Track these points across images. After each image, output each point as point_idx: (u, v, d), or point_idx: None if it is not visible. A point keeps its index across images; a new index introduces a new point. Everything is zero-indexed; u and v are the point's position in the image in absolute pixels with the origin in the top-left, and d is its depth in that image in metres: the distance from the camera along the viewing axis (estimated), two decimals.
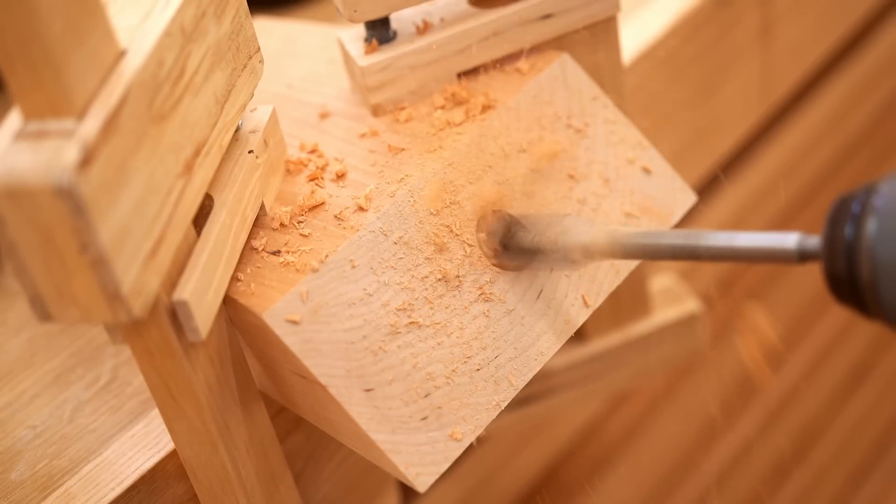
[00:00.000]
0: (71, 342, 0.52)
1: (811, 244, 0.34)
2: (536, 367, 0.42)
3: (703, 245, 0.37)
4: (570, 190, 0.45)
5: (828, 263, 0.34)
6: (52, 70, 0.31)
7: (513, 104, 0.44)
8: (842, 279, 0.33)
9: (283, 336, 0.38)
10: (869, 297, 0.33)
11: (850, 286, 0.33)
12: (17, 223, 0.31)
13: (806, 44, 0.80)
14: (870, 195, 0.33)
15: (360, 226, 0.40)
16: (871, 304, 0.33)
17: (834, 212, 0.34)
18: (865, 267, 0.32)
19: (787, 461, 0.93)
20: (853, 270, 0.33)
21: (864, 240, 0.32)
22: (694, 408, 0.85)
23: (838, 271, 0.33)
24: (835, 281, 0.34)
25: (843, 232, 0.33)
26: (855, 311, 0.34)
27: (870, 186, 0.33)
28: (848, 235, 0.33)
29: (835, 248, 0.33)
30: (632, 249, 0.39)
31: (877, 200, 0.33)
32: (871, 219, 0.32)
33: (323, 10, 0.75)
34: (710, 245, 0.37)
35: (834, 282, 0.34)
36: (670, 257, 0.38)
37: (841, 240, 0.33)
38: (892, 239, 0.32)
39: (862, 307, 0.34)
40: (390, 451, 0.39)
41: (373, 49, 0.45)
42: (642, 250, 0.39)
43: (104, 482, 0.44)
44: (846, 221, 0.33)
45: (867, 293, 0.33)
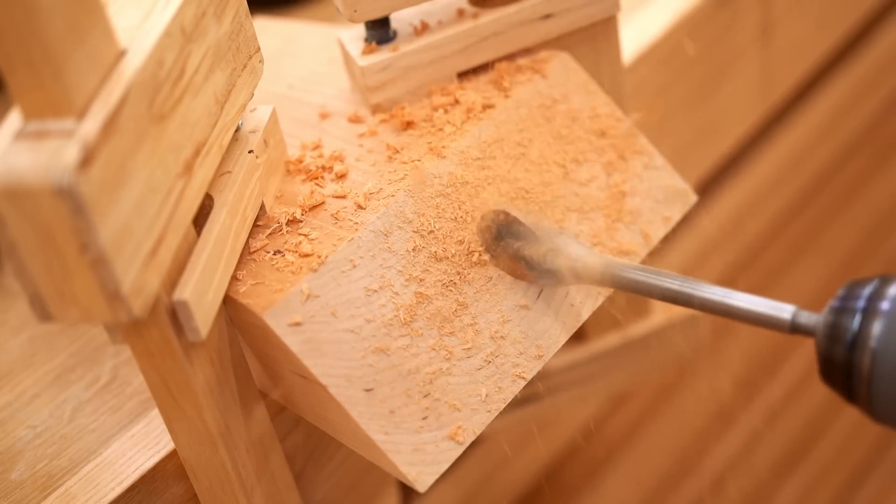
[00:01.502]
0: (71, 342, 0.52)
1: (804, 320, 0.37)
2: (536, 366, 0.42)
3: (698, 296, 0.38)
4: (569, 189, 0.45)
5: (825, 347, 0.36)
6: (52, 70, 0.31)
7: (512, 104, 0.44)
8: (837, 367, 0.36)
9: (283, 336, 0.38)
10: (862, 389, 0.35)
11: (844, 375, 0.35)
12: (17, 223, 0.31)
13: (806, 44, 0.80)
14: (878, 296, 0.35)
15: (360, 226, 0.40)
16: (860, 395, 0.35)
17: (840, 301, 0.36)
18: (865, 364, 0.34)
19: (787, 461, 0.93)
20: (851, 363, 0.35)
21: (868, 339, 0.34)
22: (694, 408, 0.85)
23: (835, 359, 0.36)
24: (828, 365, 0.36)
25: (848, 324, 0.35)
26: (839, 393, 0.36)
27: (881, 283, 0.35)
28: (852, 329, 0.35)
29: (836, 337, 0.35)
30: (624, 283, 0.40)
31: (884, 304, 0.35)
32: (878, 321, 0.34)
33: (323, 10, 0.75)
34: (706, 298, 0.38)
35: (827, 365, 0.36)
36: (661, 299, 0.40)
37: (844, 331, 0.35)
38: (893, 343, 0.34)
39: (848, 394, 0.36)
40: (390, 451, 0.39)
41: (372, 50, 0.45)
42: (634, 286, 0.40)
43: (104, 482, 0.44)
44: (852, 315, 0.35)
45: (861, 386, 0.35)
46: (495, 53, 0.46)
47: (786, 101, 0.81)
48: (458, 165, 0.42)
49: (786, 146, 0.84)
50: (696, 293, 0.39)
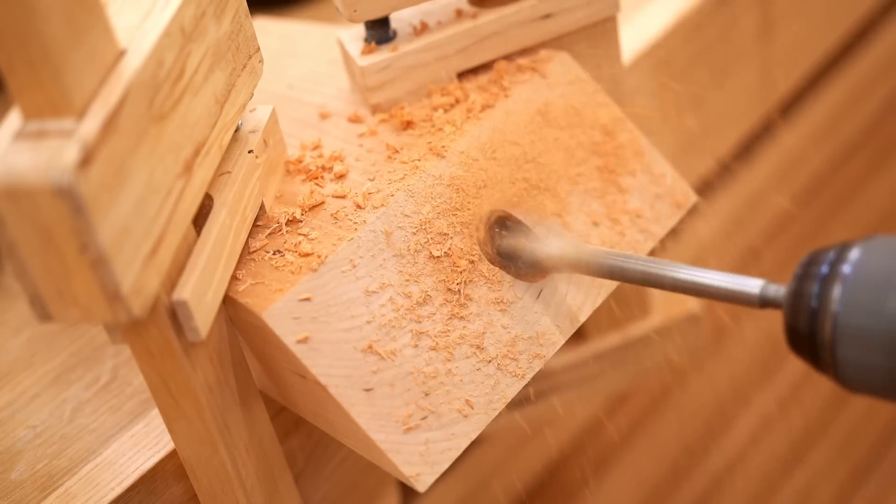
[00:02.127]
0: (71, 342, 0.52)
1: (773, 293, 0.37)
2: (536, 367, 0.42)
3: (669, 276, 0.39)
4: (569, 189, 0.45)
5: (790, 317, 0.36)
6: (51, 70, 0.31)
7: (512, 104, 0.44)
8: (802, 335, 0.35)
9: (283, 336, 0.38)
10: (826, 356, 0.35)
11: (809, 343, 0.35)
12: (17, 223, 0.31)
13: (806, 44, 0.80)
14: (840, 260, 0.35)
15: (360, 226, 0.40)
16: (826, 362, 0.35)
17: (802, 269, 0.36)
18: (827, 329, 0.34)
19: (787, 461, 0.93)
20: (814, 330, 0.35)
21: (829, 303, 0.34)
22: (694, 408, 0.85)
23: (799, 327, 0.35)
24: (794, 334, 0.36)
25: (809, 291, 0.35)
26: (807, 361, 0.36)
27: (840, 249, 0.35)
28: (813, 296, 0.35)
29: (799, 305, 0.35)
30: (597, 268, 0.41)
31: (845, 268, 0.34)
32: (837, 285, 0.34)
33: (323, 10, 0.75)
34: (676, 277, 0.39)
35: (793, 334, 0.36)
36: (635, 282, 0.40)
37: (806, 298, 0.35)
38: (854, 307, 0.34)
39: (815, 362, 0.36)
40: (390, 451, 0.39)
41: (372, 50, 0.45)
42: (608, 271, 0.40)
43: (104, 482, 0.44)
44: (813, 281, 0.35)
45: (825, 352, 0.35)
46: (495, 53, 0.46)
47: (786, 101, 0.81)
48: (457, 165, 0.42)
49: (786, 146, 0.84)
50: (668, 273, 0.39)
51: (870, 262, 0.34)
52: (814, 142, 0.87)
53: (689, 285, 0.39)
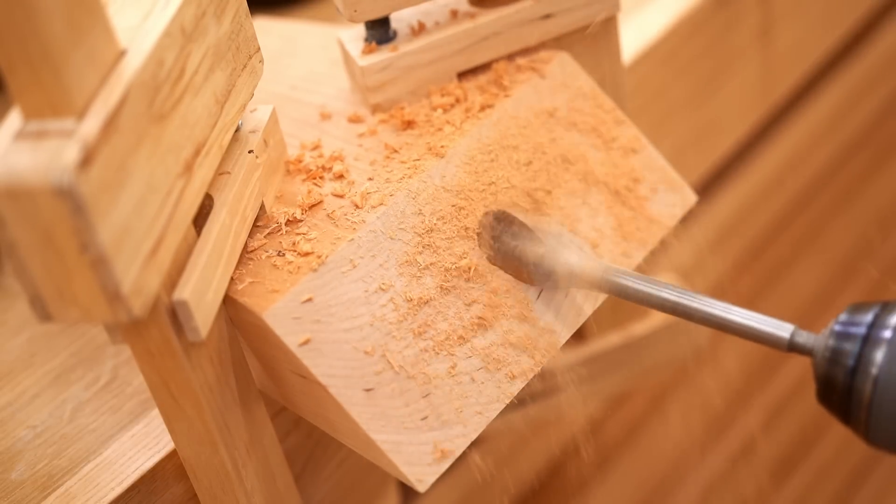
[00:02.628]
0: (71, 342, 0.52)
1: (803, 340, 0.37)
2: (537, 366, 0.42)
3: (697, 309, 0.39)
4: (568, 189, 0.45)
5: (824, 369, 0.37)
6: (51, 70, 0.31)
7: (512, 104, 0.44)
8: (837, 390, 0.36)
9: (283, 336, 0.38)
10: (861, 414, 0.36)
11: (843, 399, 0.36)
12: (17, 223, 0.31)
13: (806, 44, 0.80)
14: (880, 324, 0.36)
15: (360, 225, 0.40)
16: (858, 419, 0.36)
17: (842, 326, 0.37)
18: (867, 389, 0.35)
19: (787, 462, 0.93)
20: (852, 387, 0.36)
21: (870, 365, 0.35)
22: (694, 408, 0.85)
23: (836, 382, 0.36)
24: (828, 387, 0.37)
25: (849, 349, 0.36)
26: (835, 415, 0.37)
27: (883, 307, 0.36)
28: (853, 354, 0.36)
29: (838, 361, 0.36)
30: (622, 291, 0.40)
31: (886, 333, 0.35)
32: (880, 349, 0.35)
33: (323, 10, 0.75)
34: (705, 311, 0.39)
35: (827, 387, 0.37)
36: (660, 309, 0.40)
37: (846, 356, 0.36)
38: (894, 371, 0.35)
39: (845, 417, 0.37)
40: (390, 451, 0.39)
41: (372, 50, 0.45)
42: (633, 294, 0.40)
43: (104, 482, 0.44)
44: (855, 340, 0.36)
45: (860, 411, 0.36)
46: (495, 53, 0.46)
47: (786, 101, 0.81)
48: (457, 165, 0.42)
49: (786, 146, 0.84)
50: (695, 306, 0.39)
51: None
52: (814, 142, 0.87)
53: (717, 321, 0.39)
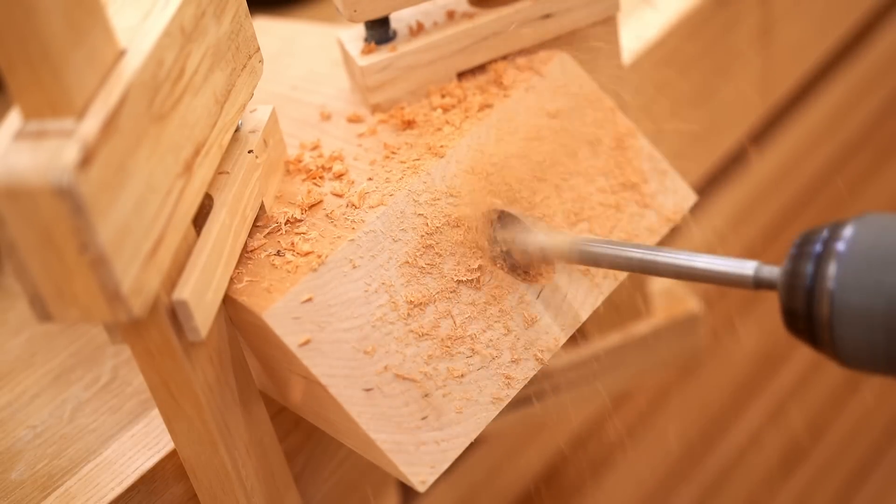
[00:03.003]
0: (71, 342, 0.52)
1: (767, 274, 0.36)
2: (537, 366, 0.42)
3: (663, 262, 0.39)
4: (568, 189, 0.45)
5: (786, 297, 0.36)
6: (51, 70, 0.31)
7: (512, 103, 0.44)
8: (799, 314, 0.35)
9: (283, 336, 0.38)
10: (824, 335, 0.35)
11: (807, 322, 0.35)
12: (17, 223, 0.31)
13: (806, 44, 0.80)
14: (833, 238, 0.35)
15: (360, 225, 0.40)
16: (824, 341, 0.35)
17: (797, 248, 0.36)
18: (824, 307, 0.34)
19: (787, 461, 0.93)
20: (811, 309, 0.35)
21: (825, 281, 0.34)
22: (694, 408, 0.85)
23: (796, 306, 0.35)
24: (791, 314, 0.36)
25: (804, 270, 0.35)
26: (805, 342, 0.36)
27: (833, 227, 0.35)
28: (808, 275, 0.35)
29: (795, 285, 0.35)
30: (590, 257, 0.40)
31: (839, 245, 0.34)
32: (832, 263, 0.34)
33: (323, 10, 0.75)
34: (670, 263, 0.38)
35: (790, 315, 0.36)
36: (627, 269, 0.40)
37: (802, 277, 0.35)
38: (850, 284, 0.34)
39: (813, 341, 0.36)
40: (390, 451, 0.39)
41: (372, 50, 0.45)
42: (601, 259, 0.40)
43: (104, 482, 0.44)
44: (808, 260, 0.35)
45: (823, 331, 0.35)
46: (495, 53, 0.46)
47: (786, 101, 0.81)
48: (457, 165, 0.42)
49: (786, 146, 0.84)
50: (661, 259, 0.39)
51: (864, 238, 0.34)
52: (814, 142, 0.87)
53: (684, 270, 0.38)
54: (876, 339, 0.33)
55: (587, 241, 0.40)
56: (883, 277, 0.33)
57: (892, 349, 0.33)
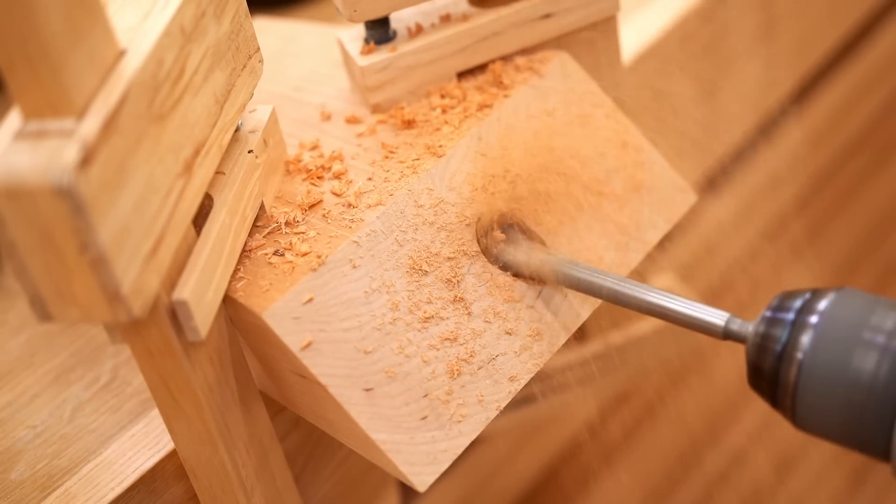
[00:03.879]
0: (71, 342, 0.52)
1: (737, 328, 0.38)
2: (536, 366, 0.42)
3: (638, 298, 0.40)
4: (568, 189, 0.45)
5: (754, 356, 0.37)
6: (51, 69, 0.31)
7: (512, 103, 0.44)
8: (764, 374, 0.37)
9: (283, 336, 0.38)
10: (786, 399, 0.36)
11: (771, 383, 0.37)
12: (17, 223, 0.31)
13: (806, 44, 0.80)
14: (810, 309, 0.36)
15: (360, 225, 0.40)
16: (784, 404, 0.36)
17: (772, 312, 0.37)
18: (791, 374, 0.35)
19: (787, 461, 0.93)
20: (778, 372, 0.36)
21: (796, 350, 0.35)
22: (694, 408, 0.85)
23: (764, 367, 0.37)
24: (757, 372, 0.37)
25: (777, 335, 0.36)
26: (764, 398, 0.38)
27: (812, 297, 0.36)
28: (782, 341, 0.36)
29: (766, 347, 0.37)
30: (572, 281, 0.41)
31: (813, 318, 0.36)
32: (806, 334, 0.35)
33: (323, 10, 0.75)
34: (646, 300, 0.40)
35: (756, 372, 0.37)
36: (606, 298, 0.41)
37: (774, 341, 0.36)
38: (819, 357, 0.35)
39: (773, 401, 0.37)
40: (390, 450, 0.39)
41: (371, 49, 0.45)
42: (581, 284, 0.41)
43: (104, 482, 0.44)
44: (783, 326, 0.36)
45: (786, 395, 0.36)
46: (495, 53, 0.46)
47: (786, 101, 0.81)
48: (456, 165, 0.42)
49: (786, 146, 0.84)
50: (634, 294, 0.40)
51: (839, 314, 0.35)
52: (814, 142, 0.87)
53: (657, 309, 0.39)
54: (834, 412, 0.35)
55: (570, 264, 0.41)
56: (850, 356, 0.34)
57: (848, 424, 0.35)
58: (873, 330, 0.34)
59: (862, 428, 0.35)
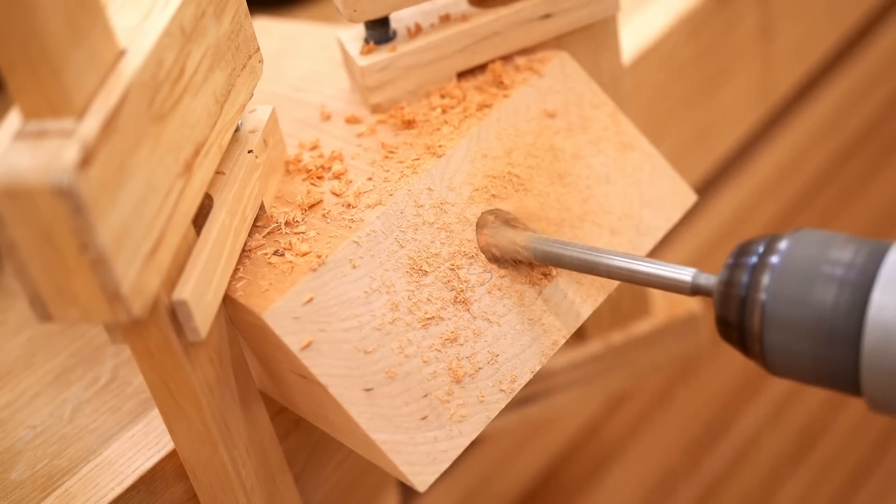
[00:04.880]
0: (71, 342, 0.52)
1: (704, 281, 0.38)
2: (536, 366, 0.42)
3: (604, 263, 0.40)
4: (568, 189, 0.45)
5: (720, 305, 0.37)
6: (51, 69, 0.31)
7: (512, 103, 0.44)
8: (731, 323, 0.36)
9: (283, 336, 0.38)
10: (755, 344, 0.36)
11: (738, 331, 0.36)
12: (17, 223, 0.31)
13: (806, 44, 0.80)
14: (768, 251, 0.36)
15: (360, 225, 0.40)
16: (754, 350, 0.36)
17: (733, 259, 0.37)
18: (756, 317, 0.35)
19: (787, 461, 0.93)
20: (743, 318, 0.36)
21: (758, 292, 0.35)
22: (694, 408, 0.85)
23: (729, 315, 0.36)
24: (724, 322, 0.37)
25: (739, 280, 0.36)
26: (736, 348, 0.37)
27: (770, 240, 0.36)
28: (743, 285, 0.36)
29: (729, 294, 0.36)
30: (540, 254, 0.41)
31: (773, 258, 0.35)
32: (766, 275, 0.35)
33: (323, 10, 0.75)
34: (611, 265, 0.40)
35: (723, 323, 0.37)
36: (571, 267, 0.41)
37: (737, 287, 0.36)
38: (781, 296, 0.35)
39: (744, 349, 0.37)
40: (390, 450, 0.39)
41: (371, 49, 0.45)
42: (548, 256, 0.41)
43: (104, 482, 0.44)
44: (743, 271, 0.36)
45: (753, 340, 0.36)
46: (495, 53, 0.46)
47: (786, 101, 0.81)
48: (456, 165, 0.42)
49: (786, 146, 0.84)
50: (602, 260, 0.40)
51: (797, 252, 0.35)
52: (814, 142, 0.87)
53: (624, 273, 0.39)
54: (802, 350, 0.35)
55: (540, 239, 0.41)
56: (811, 291, 0.34)
57: (817, 360, 0.35)
58: (832, 263, 0.34)
59: (830, 364, 0.34)
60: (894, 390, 0.33)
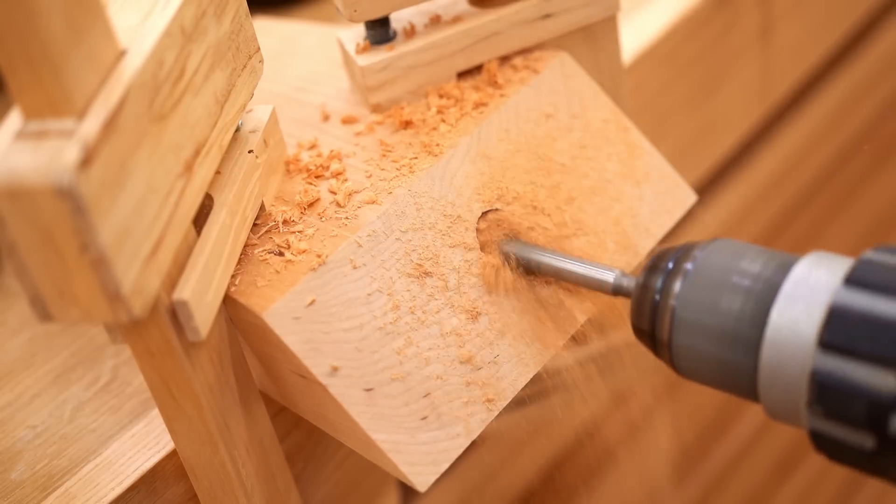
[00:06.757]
0: (71, 342, 0.52)
1: (625, 283, 0.39)
2: (536, 367, 0.42)
3: (535, 260, 0.42)
4: (568, 188, 0.45)
5: (635, 307, 0.38)
6: (51, 70, 0.31)
7: (512, 104, 0.44)
8: (643, 327, 0.38)
9: (284, 336, 0.38)
10: (663, 346, 0.37)
11: (650, 333, 0.38)
12: (18, 223, 0.31)
13: (806, 44, 0.80)
14: (683, 258, 0.37)
15: (360, 225, 0.40)
16: (663, 353, 0.38)
17: (651, 262, 0.38)
18: (665, 322, 0.37)
19: (787, 461, 0.93)
20: (655, 321, 0.37)
21: (669, 298, 0.37)
22: (694, 408, 0.85)
23: (643, 318, 0.38)
24: (638, 328, 0.39)
25: (654, 284, 0.38)
26: (648, 348, 0.39)
27: (686, 247, 0.38)
28: (657, 289, 0.37)
29: (644, 297, 0.38)
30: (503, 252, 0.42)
31: (687, 265, 0.37)
32: (678, 281, 0.37)
33: (323, 10, 0.75)
34: (542, 262, 0.42)
35: (637, 324, 0.38)
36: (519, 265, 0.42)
37: (651, 291, 0.38)
38: (691, 302, 0.36)
39: (655, 349, 0.38)
40: (390, 450, 0.39)
41: (367, 49, 0.45)
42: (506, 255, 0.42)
43: (104, 482, 0.44)
44: (659, 276, 0.38)
45: (662, 343, 0.37)
46: (495, 53, 0.46)
47: (786, 101, 0.81)
48: (456, 165, 0.42)
49: (786, 146, 0.84)
50: (534, 257, 0.42)
51: (710, 260, 0.37)
52: (814, 142, 0.87)
53: (551, 269, 0.41)
54: (706, 357, 0.36)
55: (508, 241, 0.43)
56: (718, 302, 0.36)
57: (722, 365, 0.36)
58: (741, 274, 0.36)
59: (733, 369, 0.36)
60: (786, 399, 0.34)
